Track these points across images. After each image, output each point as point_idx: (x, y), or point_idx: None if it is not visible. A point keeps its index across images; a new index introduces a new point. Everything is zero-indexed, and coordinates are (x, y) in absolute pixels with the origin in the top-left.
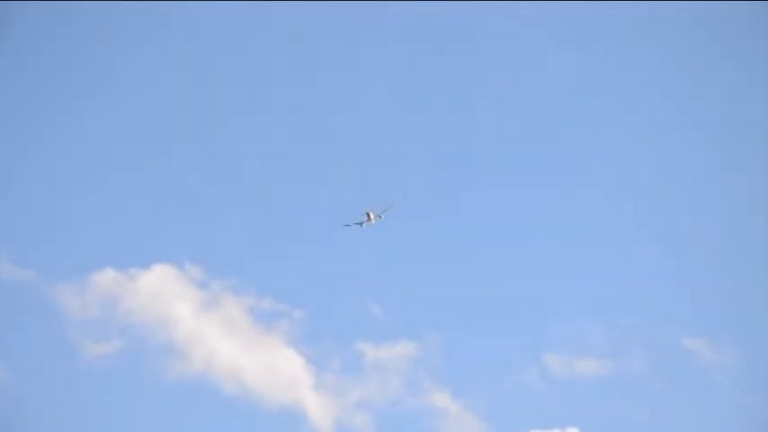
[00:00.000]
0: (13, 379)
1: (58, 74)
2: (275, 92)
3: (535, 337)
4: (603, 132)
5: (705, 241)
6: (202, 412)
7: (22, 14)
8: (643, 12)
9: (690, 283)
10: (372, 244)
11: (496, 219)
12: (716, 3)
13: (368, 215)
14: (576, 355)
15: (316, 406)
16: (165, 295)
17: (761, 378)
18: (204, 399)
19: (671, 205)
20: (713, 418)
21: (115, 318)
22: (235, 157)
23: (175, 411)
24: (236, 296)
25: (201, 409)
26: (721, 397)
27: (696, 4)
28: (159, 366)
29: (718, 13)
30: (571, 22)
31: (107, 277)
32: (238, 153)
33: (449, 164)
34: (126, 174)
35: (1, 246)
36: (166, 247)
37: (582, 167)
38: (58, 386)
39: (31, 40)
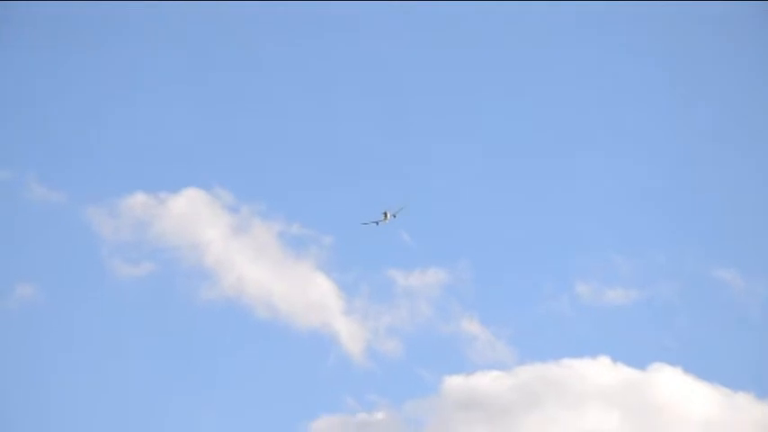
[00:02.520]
0: (45, 300)
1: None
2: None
3: (566, 266)
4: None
5: (737, 172)
6: (233, 335)
7: None
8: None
9: (722, 214)
10: (402, 171)
11: (530, 151)
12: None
13: (384, 215)
14: (607, 285)
15: (346, 330)
16: (195, 219)
17: None
18: (235, 322)
19: (699, 140)
20: (743, 347)
21: (146, 241)
22: (267, 83)
23: (207, 334)
24: (265, 221)
25: (233, 332)
26: (752, 327)
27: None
28: (190, 289)
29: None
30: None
31: (138, 201)
32: (270, 80)
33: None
34: (157, 98)
35: (32, 166)
36: (196, 172)
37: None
38: (89, 308)
39: None
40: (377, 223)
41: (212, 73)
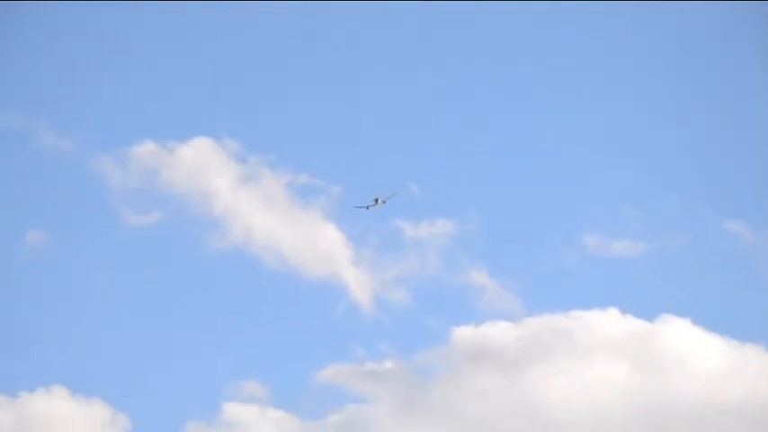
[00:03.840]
0: (55, 248)
1: None
2: None
3: (574, 218)
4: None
5: (749, 124)
6: (242, 284)
7: None
8: None
9: (732, 166)
10: (411, 122)
11: (538, 104)
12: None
13: (375, 200)
14: (615, 237)
15: (354, 280)
16: (203, 168)
17: None
18: (244, 271)
19: (712, 92)
20: (752, 299)
21: (155, 190)
22: (276, 32)
23: (216, 283)
24: (273, 171)
25: (241, 281)
26: (761, 279)
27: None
28: (199, 238)
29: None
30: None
31: (146, 149)
32: (280, 29)
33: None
34: (167, 47)
35: (41, 114)
36: (205, 121)
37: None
38: (99, 256)
39: None
40: (367, 208)
41: (222, 22)
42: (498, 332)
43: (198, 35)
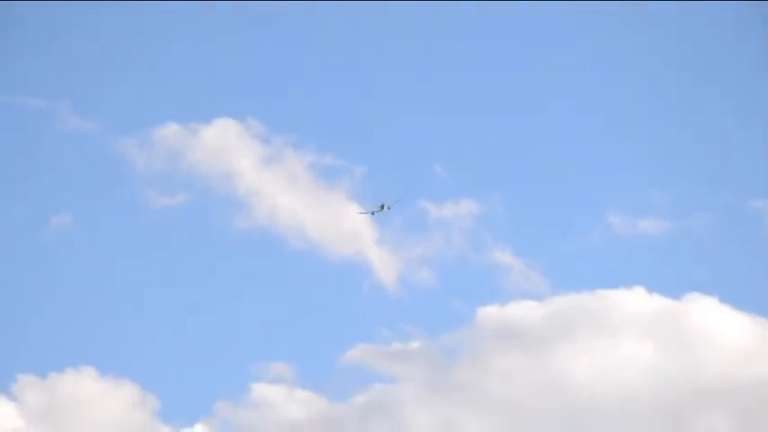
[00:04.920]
0: (80, 230)
1: None
2: None
3: (598, 197)
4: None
5: None
6: (268, 264)
7: None
8: None
9: (758, 145)
10: (435, 103)
11: (564, 84)
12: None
13: (381, 206)
14: (640, 216)
15: (379, 260)
16: (227, 150)
17: None
18: (269, 251)
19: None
20: None
21: (179, 171)
22: (299, 16)
23: (241, 263)
24: (296, 152)
25: (267, 261)
26: None
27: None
28: (223, 219)
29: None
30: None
31: (170, 131)
32: (303, 13)
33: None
34: (190, 29)
35: (65, 96)
36: (228, 102)
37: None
38: (125, 238)
39: None
40: (372, 213)
41: (245, 4)
42: (524, 312)
43: (221, 17)
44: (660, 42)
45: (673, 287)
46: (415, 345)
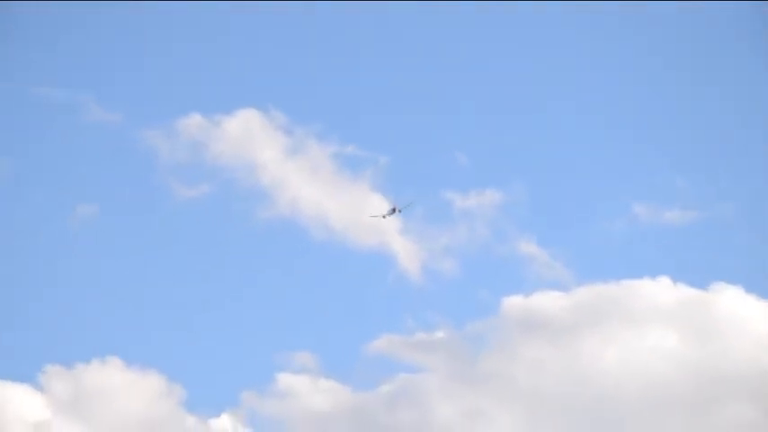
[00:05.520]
0: (105, 221)
1: None
2: None
3: (622, 187)
4: None
5: None
6: (291, 255)
7: None
8: None
9: None
10: (458, 93)
11: (587, 72)
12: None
13: (393, 209)
14: (665, 205)
15: (403, 250)
16: (250, 140)
17: None
18: (292, 242)
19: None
20: None
21: (202, 162)
22: (320, 7)
23: (264, 254)
24: (319, 142)
25: (290, 251)
26: None
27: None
28: (247, 210)
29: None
30: None
31: (193, 122)
32: (324, 3)
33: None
34: (211, 20)
35: (89, 88)
36: (250, 93)
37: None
38: (149, 228)
39: None
40: (383, 216)
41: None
42: (549, 302)
43: (244, 8)
44: (674, 38)
45: (698, 277)
46: (439, 334)
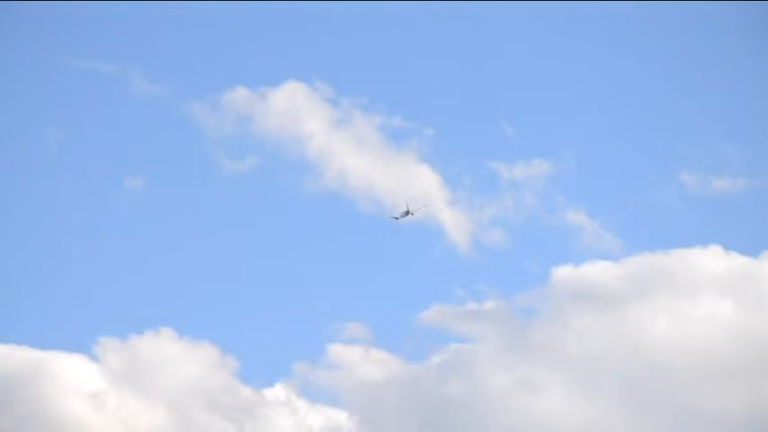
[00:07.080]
0: (154, 194)
1: None
2: None
3: (671, 156)
4: None
5: None
6: (339, 226)
7: None
8: None
9: None
10: (504, 63)
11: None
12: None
13: (406, 212)
14: (714, 174)
15: (451, 222)
16: (296, 113)
17: None
18: (340, 214)
19: None
20: None
21: (249, 135)
22: None
23: (312, 226)
24: (365, 114)
25: (338, 223)
26: None
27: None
28: (294, 182)
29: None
30: None
31: (239, 95)
32: None
33: None
34: None
35: (135, 61)
36: (296, 65)
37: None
38: (196, 201)
39: None
40: (397, 218)
41: None
42: (599, 272)
43: None
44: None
45: (749, 245)
46: (489, 305)
